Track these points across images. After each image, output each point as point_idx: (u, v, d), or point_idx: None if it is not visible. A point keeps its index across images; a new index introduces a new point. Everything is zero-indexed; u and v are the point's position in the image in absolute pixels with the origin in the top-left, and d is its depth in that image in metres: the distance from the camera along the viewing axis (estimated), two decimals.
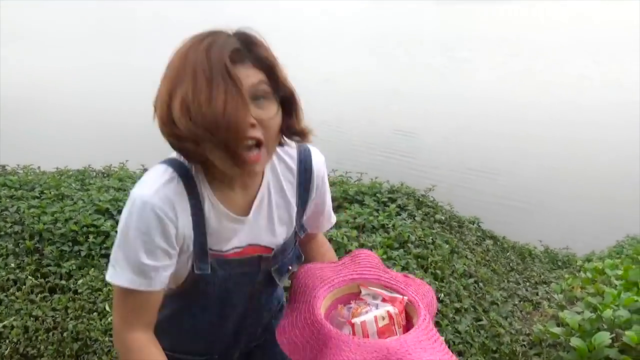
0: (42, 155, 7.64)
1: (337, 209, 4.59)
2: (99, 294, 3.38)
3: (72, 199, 4.35)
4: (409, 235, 4.04)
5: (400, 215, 4.52)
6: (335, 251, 3.64)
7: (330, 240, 3.79)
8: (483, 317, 3.58)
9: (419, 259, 3.88)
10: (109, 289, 3.38)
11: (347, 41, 25.34)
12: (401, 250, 3.88)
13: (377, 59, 21.08)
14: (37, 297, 3.38)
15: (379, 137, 10.87)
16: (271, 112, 1.27)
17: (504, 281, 4.46)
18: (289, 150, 1.50)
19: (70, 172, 5.60)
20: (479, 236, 5.08)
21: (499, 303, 3.92)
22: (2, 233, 3.86)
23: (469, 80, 16.47)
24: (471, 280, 3.96)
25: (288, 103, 1.34)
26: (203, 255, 1.36)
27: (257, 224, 1.42)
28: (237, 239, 1.39)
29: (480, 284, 4.02)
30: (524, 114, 12.58)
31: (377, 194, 4.78)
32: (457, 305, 3.57)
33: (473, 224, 5.24)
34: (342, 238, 3.80)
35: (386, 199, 4.74)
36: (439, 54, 21.49)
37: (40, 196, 4.46)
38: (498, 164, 9.57)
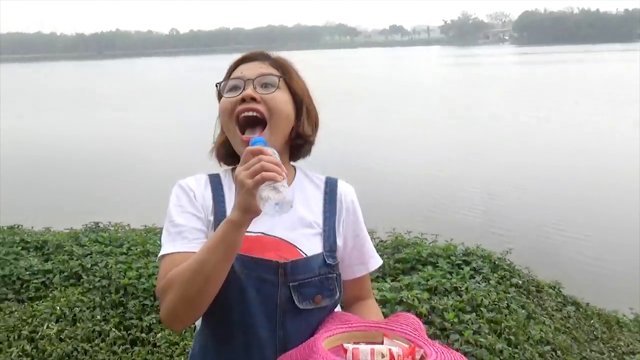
0: (131, 212, 8.10)
1: (409, 270, 4.60)
2: (176, 348, 3.53)
3: (156, 256, 4.59)
4: (482, 299, 3.98)
5: (474, 278, 4.46)
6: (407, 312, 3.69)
7: (400, 302, 3.80)
8: None
9: (492, 324, 3.80)
10: (186, 343, 3.53)
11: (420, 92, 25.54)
12: (473, 314, 3.82)
13: (449, 112, 21.08)
14: (119, 348, 3.57)
15: (455, 195, 10.76)
16: (277, 96, 1.55)
17: (585, 350, 4.28)
18: (318, 175, 1.69)
19: (157, 230, 5.91)
20: (559, 302, 4.92)
21: None
22: (91, 287, 4.13)
23: (551, 135, 16.13)
24: (548, 347, 3.83)
25: (298, 105, 1.61)
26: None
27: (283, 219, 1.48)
28: (252, 223, 1.41)
29: (558, 352, 3.88)
30: (612, 171, 12.13)
31: (451, 257, 4.75)
32: None
33: (553, 289, 5.08)
34: (413, 300, 3.79)
35: (460, 262, 4.70)
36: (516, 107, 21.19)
37: (128, 252, 4.74)
38: (584, 226, 9.23)
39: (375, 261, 1.71)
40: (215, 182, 1.62)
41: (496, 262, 4.88)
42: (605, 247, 8.50)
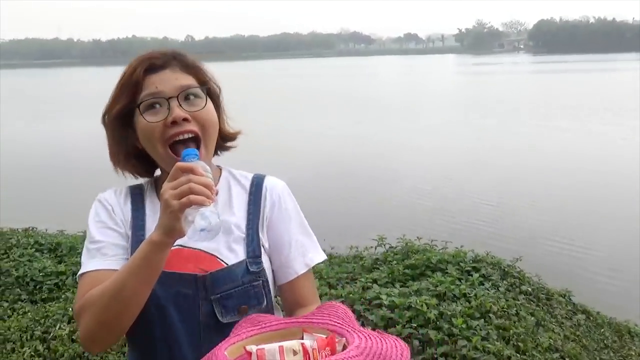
0: None
1: (419, 276, 4.61)
2: None
3: None
4: (491, 306, 3.98)
5: (483, 284, 4.46)
6: (414, 318, 3.70)
7: (409, 307, 3.82)
8: None
9: (501, 330, 3.80)
10: None
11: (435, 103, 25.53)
12: (482, 320, 3.83)
13: (462, 119, 21.06)
14: None
15: (466, 203, 10.74)
16: (206, 109, 1.45)
17: (595, 359, 4.26)
18: (246, 174, 1.61)
19: None
20: (569, 310, 4.90)
21: None
22: None
23: (565, 144, 16.06)
24: (557, 355, 3.83)
25: (216, 103, 1.53)
26: (138, 244, 1.33)
27: None
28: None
29: None
30: (627, 182, 12.04)
31: (460, 263, 4.76)
32: None
33: (563, 297, 5.06)
34: (422, 306, 3.81)
35: (470, 268, 4.70)
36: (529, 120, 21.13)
37: None
38: (594, 236, 9.18)
39: (313, 256, 1.54)
40: (135, 194, 1.54)
41: (506, 270, 4.88)
42: (616, 258, 8.44)
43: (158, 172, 1.58)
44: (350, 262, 5.08)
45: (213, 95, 1.52)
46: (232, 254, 1.45)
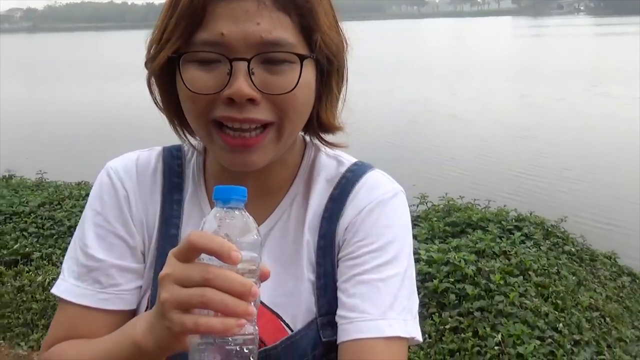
0: None
1: (459, 234, 4.60)
2: None
3: None
4: (531, 264, 3.95)
5: (524, 243, 4.43)
6: (451, 273, 3.72)
7: (447, 262, 3.83)
8: (606, 352, 3.41)
9: (540, 288, 3.78)
10: None
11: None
12: (521, 277, 3.81)
13: (518, 84, 20.52)
14: None
15: (516, 167, 10.54)
16: (290, 81, 0.86)
17: (638, 320, 4.20)
18: (342, 159, 1.05)
19: None
20: (614, 271, 4.81)
21: (627, 341, 3.70)
22: None
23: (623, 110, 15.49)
24: (596, 314, 3.79)
25: (325, 76, 0.94)
26: None
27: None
28: None
29: (607, 319, 3.82)
30: None
31: (502, 222, 4.72)
32: (577, 337, 3.44)
33: (609, 259, 4.97)
34: (460, 261, 3.81)
35: (512, 227, 4.67)
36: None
37: None
38: None
39: (395, 323, 0.91)
40: (171, 168, 1.04)
41: (549, 229, 4.82)
42: None
43: None
44: None
45: (326, 55, 0.91)
46: (300, 309, 0.96)
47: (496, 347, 3.19)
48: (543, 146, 11.75)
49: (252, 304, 0.71)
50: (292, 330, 0.95)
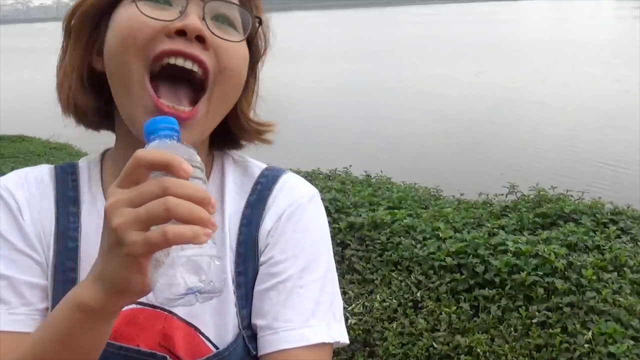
0: (282, 157, 8.48)
1: (550, 226, 4.44)
2: None
3: None
4: (626, 260, 3.77)
5: (620, 238, 4.22)
6: (540, 266, 3.60)
7: (536, 255, 3.71)
8: None
9: (635, 285, 3.59)
10: None
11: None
12: (615, 273, 3.64)
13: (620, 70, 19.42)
14: None
15: (613, 154, 10.04)
16: (237, 49, 0.88)
17: None
18: (251, 166, 1.02)
19: (301, 173, 6.16)
20: None
21: None
22: None
23: None
24: None
25: (251, 67, 0.96)
26: (67, 291, 0.78)
27: None
28: None
29: None
30: None
31: (596, 214, 4.52)
32: None
33: None
34: (550, 254, 3.68)
35: (607, 220, 4.45)
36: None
37: None
38: None
39: (318, 330, 0.90)
40: (63, 178, 0.96)
41: None
42: None
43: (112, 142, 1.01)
44: (478, 208, 4.99)
45: (253, 44, 0.95)
46: (222, 320, 0.90)
47: (586, 345, 3.07)
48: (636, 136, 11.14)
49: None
50: (217, 348, 0.88)
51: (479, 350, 3.17)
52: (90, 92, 0.91)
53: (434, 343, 3.27)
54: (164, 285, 0.66)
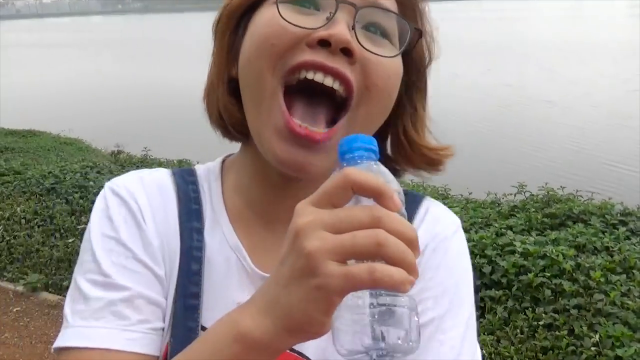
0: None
1: (558, 226, 4.41)
2: None
3: None
4: (635, 262, 3.72)
5: (630, 239, 4.18)
6: (548, 268, 3.57)
7: (544, 256, 3.68)
8: None
9: None
10: None
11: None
12: (624, 275, 3.60)
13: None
14: None
15: (620, 153, 9.94)
16: (391, 65, 0.75)
17: None
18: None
19: None
20: None
21: None
22: None
23: None
24: None
25: (411, 83, 0.82)
26: (188, 320, 0.76)
27: None
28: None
29: None
30: None
31: (606, 215, 4.48)
32: None
33: None
34: (558, 255, 3.65)
35: (616, 221, 4.41)
36: None
37: None
38: None
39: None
40: (186, 194, 0.84)
41: None
42: None
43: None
44: (486, 207, 4.96)
45: (410, 58, 0.80)
46: None
47: (593, 348, 3.05)
48: None
49: None
50: None
51: (484, 351, 3.15)
52: (236, 102, 0.80)
53: None
54: (348, 334, 0.55)
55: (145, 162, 6.67)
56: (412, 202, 0.85)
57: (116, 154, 8.66)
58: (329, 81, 0.70)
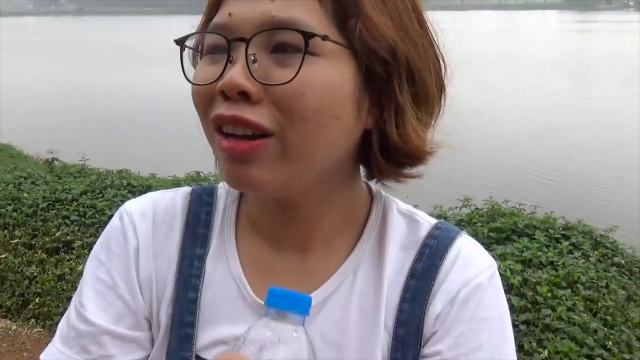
0: None
1: (504, 240, 4.47)
2: None
3: None
4: (579, 276, 3.81)
5: (572, 253, 4.28)
6: None
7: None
8: None
9: (588, 302, 3.64)
10: None
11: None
12: (569, 290, 3.67)
13: (562, 83, 20.05)
14: None
15: (557, 169, 10.29)
16: (301, 73, 0.65)
17: None
18: (419, 219, 0.82)
19: None
20: None
21: None
22: None
23: None
24: None
25: (381, 81, 0.70)
26: (182, 350, 0.77)
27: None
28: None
29: None
30: None
31: (549, 229, 4.57)
32: (627, 356, 3.30)
33: None
34: (505, 271, 3.69)
35: (559, 235, 4.51)
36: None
37: None
38: None
39: None
40: (196, 217, 0.83)
41: (598, 240, 4.65)
42: None
43: None
44: None
45: (358, 47, 0.68)
46: None
47: None
48: (568, 148, 11.50)
49: None
50: None
51: None
52: None
53: None
54: None
55: (83, 173, 6.41)
56: (447, 238, 0.79)
57: (50, 162, 8.31)
58: (240, 131, 0.66)
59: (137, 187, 5.63)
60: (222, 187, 0.86)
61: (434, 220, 0.82)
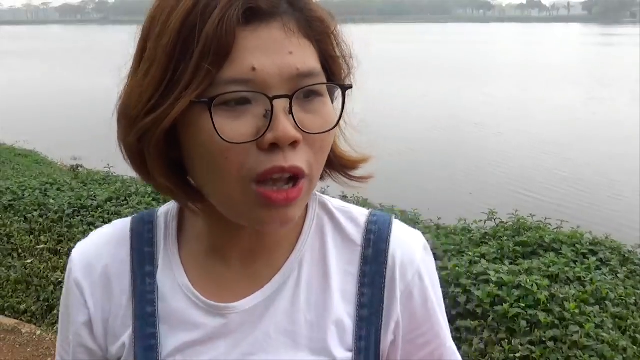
0: None
1: (530, 255, 4.42)
2: None
3: None
4: (607, 292, 3.75)
5: (600, 269, 4.21)
6: (523, 298, 3.55)
7: (518, 286, 3.67)
8: None
9: (617, 319, 3.58)
10: None
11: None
12: (597, 307, 3.61)
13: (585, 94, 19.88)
14: None
15: (583, 183, 10.18)
16: (326, 118, 0.73)
17: None
18: (354, 212, 0.88)
19: None
20: None
21: None
22: None
23: None
24: None
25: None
26: (148, 359, 0.81)
27: (257, 328, 0.80)
28: (208, 354, 0.80)
29: None
30: None
31: (576, 245, 4.51)
32: None
33: None
34: (532, 285, 3.64)
35: (586, 251, 4.44)
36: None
37: None
38: None
39: None
40: (140, 237, 0.87)
41: (626, 255, 4.57)
42: None
43: None
44: (458, 234, 4.95)
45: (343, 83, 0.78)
46: None
47: None
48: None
49: None
50: None
51: None
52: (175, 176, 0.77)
53: None
54: None
55: (108, 180, 6.47)
56: (384, 222, 0.87)
57: (75, 168, 8.41)
58: (286, 175, 0.71)
59: (161, 195, 5.66)
60: (161, 209, 0.90)
61: (365, 210, 0.89)
